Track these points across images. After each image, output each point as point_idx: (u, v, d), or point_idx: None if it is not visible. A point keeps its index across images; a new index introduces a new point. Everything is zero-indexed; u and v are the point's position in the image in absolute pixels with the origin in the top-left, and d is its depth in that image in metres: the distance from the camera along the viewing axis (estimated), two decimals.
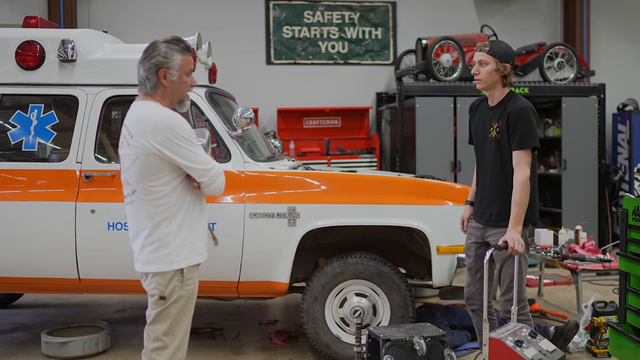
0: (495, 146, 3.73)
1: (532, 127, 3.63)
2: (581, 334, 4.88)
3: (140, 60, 2.93)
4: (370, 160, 8.91)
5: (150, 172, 2.87)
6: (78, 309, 6.33)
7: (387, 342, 3.51)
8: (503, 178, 3.72)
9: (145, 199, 2.90)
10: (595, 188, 8.63)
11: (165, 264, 2.90)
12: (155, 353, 2.93)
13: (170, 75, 2.92)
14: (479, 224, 3.91)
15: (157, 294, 2.91)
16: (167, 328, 2.93)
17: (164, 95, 2.95)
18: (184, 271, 2.94)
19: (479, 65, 3.74)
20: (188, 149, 2.87)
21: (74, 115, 4.64)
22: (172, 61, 2.91)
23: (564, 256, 5.47)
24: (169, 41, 2.94)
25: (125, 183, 2.98)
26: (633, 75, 10.10)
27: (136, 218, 2.95)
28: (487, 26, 9.33)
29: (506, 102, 3.72)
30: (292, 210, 4.45)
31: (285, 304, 6.45)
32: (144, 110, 2.90)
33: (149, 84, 2.92)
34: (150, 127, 2.83)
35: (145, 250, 2.92)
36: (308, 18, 9.55)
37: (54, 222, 4.48)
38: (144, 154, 2.84)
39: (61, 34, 4.76)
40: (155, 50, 2.91)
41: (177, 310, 2.94)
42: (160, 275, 2.90)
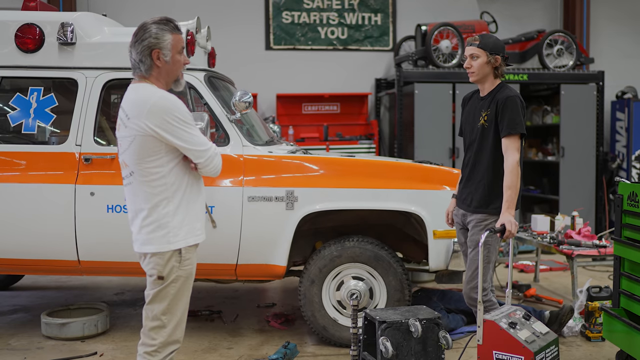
0: (481, 134, 3.81)
1: (519, 114, 3.70)
2: (576, 319, 4.93)
3: (132, 43, 2.94)
4: (369, 146, 8.93)
5: (147, 154, 2.88)
6: (78, 291, 6.38)
7: (383, 324, 3.55)
8: (486, 166, 3.80)
9: (143, 181, 2.92)
10: (593, 175, 8.65)
11: (163, 244, 2.92)
12: (154, 332, 2.97)
13: (164, 56, 2.93)
14: (460, 209, 3.98)
15: (155, 274, 2.94)
16: (165, 307, 2.96)
17: (158, 76, 2.96)
18: (182, 251, 2.96)
19: (470, 59, 3.83)
20: (184, 130, 2.89)
21: (73, 98, 4.66)
22: (163, 41, 2.92)
23: (560, 242, 5.51)
24: (158, 22, 2.95)
25: (123, 165, 3.00)
26: (632, 63, 10.10)
27: (134, 199, 2.97)
28: (487, 12, 9.30)
29: (495, 92, 3.82)
30: (290, 194, 4.48)
31: (283, 287, 6.51)
32: (140, 92, 2.92)
33: (142, 66, 2.93)
34: (146, 109, 2.84)
35: (144, 230, 2.95)
36: (307, 3, 9.53)
37: (53, 204, 4.51)
38: (141, 135, 2.86)
39: (60, 17, 4.76)
40: (146, 32, 2.91)
41: (175, 290, 2.97)
42: (158, 255, 2.93)
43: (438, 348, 3.58)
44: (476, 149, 3.85)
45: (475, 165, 3.85)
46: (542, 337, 3.37)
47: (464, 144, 4.03)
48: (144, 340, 2.99)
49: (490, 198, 3.76)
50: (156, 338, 2.97)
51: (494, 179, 3.75)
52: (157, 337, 2.97)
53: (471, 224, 3.85)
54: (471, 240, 3.84)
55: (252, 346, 4.74)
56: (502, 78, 3.89)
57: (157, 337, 2.97)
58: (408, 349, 3.53)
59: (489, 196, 3.76)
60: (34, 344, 4.79)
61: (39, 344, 4.79)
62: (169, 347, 2.99)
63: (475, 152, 3.85)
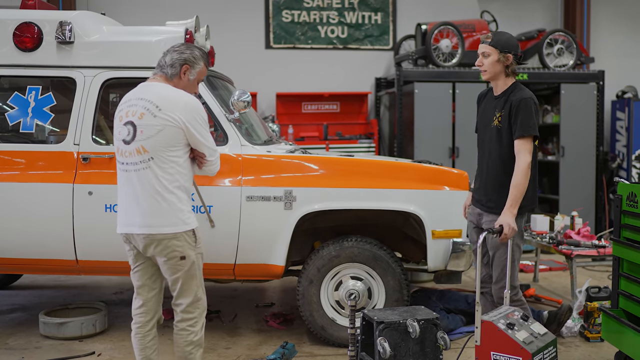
0: (496, 135, 3.81)
1: (532, 116, 3.70)
2: (575, 319, 4.92)
3: (170, 50, 3.38)
4: (369, 145, 8.92)
5: (171, 143, 3.22)
6: (76, 291, 6.37)
7: (381, 325, 3.54)
8: (501, 166, 3.80)
9: (163, 167, 3.22)
10: (592, 175, 8.65)
11: (181, 225, 3.25)
12: (192, 307, 3.36)
13: (190, 74, 3.37)
14: (475, 208, 3.99)
15: (177, 255, 3.25)
16: (197, 282, 3.37)
17: (177, 84, 3.36)
18: (195, 231, 3.32)
19: (482, 57, 3.83)
20: (206, 130, 3.31)
21: (71, 97, 4.64)
22: (196, 64, 3.38)
23: (559, 242, 5.50)
24: (198, 48, 3.43)
25: (141, 150, 3.22)
26: (632, 62, 10.08)
27: (146, 184, 3.22)
28: (487, 12, 9.29)
29: (509, 92, 3.81)
30: (288, 194, 4.47)
31: (281, 287, 6.50)
32: (170, 89, 3.31)
33: (170, 69, 3.33)
34: (180, 105, 3.22)
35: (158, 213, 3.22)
36: (307, 2, 9.52)
37: (51, 203, 4.50)
38: (172, 126, 3.20)
39: (59, 15, 4.75)
40: (188, 49, 3.39)
41: (198, 265, 3.36)
42: (177, 237, 3.24)
43: (436, 349, 3.57)
44: (490, 149, 3.86)
45: (489, 166, 3.87)
46: (540, 338, 3.36)
47: (478, 141, 4.04)
48: (182, 317, 3.35)
49: (504, 199, 3.72)
50: (194, 311, 3.36)
51: (507, 180, 3.72)
52: (194, 310, 3.36)
53: (486, 225, 3.84)
54: (491, 243, 3.82)
55: (251, 346, 4.74)
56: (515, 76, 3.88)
57: (195, 309, 3.36)
58: (406, 350, 3.52)
59: (503, 197, 3.73)
60: (32, 343, 4.79)
61: (37, 343, 4.79)
62: (203, 315, 3.42)
63: (489, 152, 3.86)
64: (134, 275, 3.44)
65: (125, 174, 3.29)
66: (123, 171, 3.31)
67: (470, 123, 4.59)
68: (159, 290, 3.49)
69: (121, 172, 3.33)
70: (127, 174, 3.27)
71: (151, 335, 3.46)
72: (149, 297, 3.44)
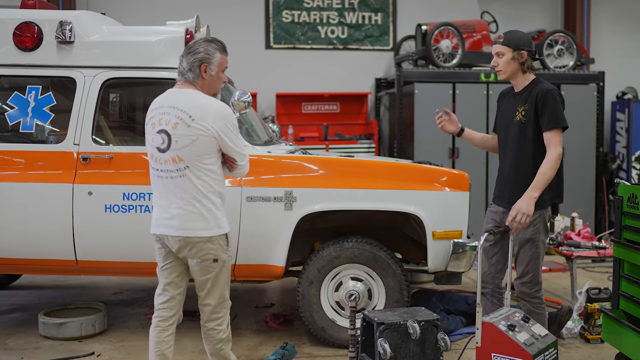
0: (519, 129, 3.87)
1: (559, 107, 3.78)
2: (575, 320, 4.91)
3: (184, 54, 3.39)
4: (369, 146, 8.91)
5: (205, 152, 3.31)
6: (75, 291, 6.36)
7: (382, 326, 3.53)
8: (524, 161, 3.87)
9: (198, 175, 3.32)
10: (593, 176, 8.64)
11: (216, 229, 3.36)
12: (220, 307, 3.47)
13: (210, 70, 3.38)
14: (499, 207, 4.03)
15: (210, 258, 3.37)
16: (225, 284, 3.47)
17: (202, 86, 3.40)
18: (227, 235, 3.44)
19: (496, 57, 3.91)
20: (237, 136, 3.39)
21: (71, 97, 4.64)
22: (213, 58, 3.38)
23: (560, 243, 5.50)
24: (210, 40, 3.42)
25: (176, 159, 3.31)
26: (632, 63, 10.08)
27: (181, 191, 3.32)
28: (487, 12, 9.29)
29: (531, 87, 3.88)
30: (288, 194, 4.46)
31: (281, 287, 6.49)
32: (200, 97, 3.35)
33: (191, 74, 3.36)
34: (212, 114, 3.29)
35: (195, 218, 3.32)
36: (308, 2, 9.51)
37: (51, 203, 4.50)
38: (205, 136, 3.27)
39: (59, 15, 4.74)
40: (200, 46, 3.37)
41: (227, 268, 3.47)
42: (212, 240, 3.35)
43: (436, 350, 3.56)
44: (514, 146, 3.90)
45: (514, 162, 3.90)
46: (541, 340, 3.36)
47: (499, 139, 4.08)
48: (211, 317, 3.46)
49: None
50: (220, 311, 3.47)
51: (533, 175, 3.78)
52: (221, 310, 3.48)
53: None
54: (518, 239, 3.88)
55: (250, 347, 4.73)
56: (534, 71, 3.95)
57: (221, 309, 3.48)
58: (406, 351, 3.51)
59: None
60: (31, 343, 4.78)
61: (36, 343, 4.78)
62: (228, 312, 3.54)
63: (514, 149, 3.90)
64: (162, 272, 3.51)
65: (160, 179, 3.38)
66: (158, 177, 3.39)
67: (470, 124, 4.58)
68: (184, 289, 3.58)
69: (155, 177, 3.41)
70: (162, 180, 3.37)
71: (170, 331, 3.51)
72: (174, 295, 3.50)
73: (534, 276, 3.90)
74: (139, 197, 4.49)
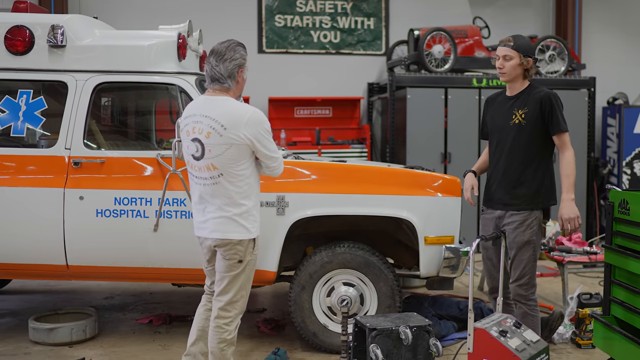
0: (517, 132, 3.93)
1: (562, 111, 3.91)
2: (566, 325, 4.92)
3: (220, 59, 3.46)
4: (361, 150, 8.92)
5: (239, 159, 3.42)
6: (66, 296, 6.33)
7: (374, 331, 3.54)
8: (525, 163, 3.93)
9: (232, 181, 3.44)
10: (584, 181, 8.68)
11: (245, 233, 3.50)
12: (230, 306, 3.56)
13: (244, 75, 3.55)
14: (494, 210, 4.05)
15: (236, 259, 3.51)
16: (240, 285, 3.56)
17: (236, 90, 3.53)
18: (255, 240, 3.56)
19: (503, 60, 3.93)
20: (270, 141, 3.48)
21: (63, 101, 4.63)
22: (246, 62, 3.55)
23: (551, 248, 5.51)
24: (240, 44, 3.55)
25: (210, 167, 3.44)
26: (623, 69, 10.13)
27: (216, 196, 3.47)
28: (480, 18, 9.32)
29: (529, 91, 3.96)
30: (281, 199, 4.45)
31: (273, 292, 6.48)
32: (233, 105, 3.45)
33: (231, 80, 3.47)
34: (244, 121, 3.37)
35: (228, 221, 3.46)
36: (300, 7, 9.52)
37: (42, 208, 4.48)
38: (238, 144, 3.38)
39: (51, 19, 4.73)
40: (237, 52, 3.49)
41: (249, 271, 3.59)
42: (241, 243, 3.49)
43: (428, 355, 3.56)
44: (510, 148, 3.94)
45: (511, 164, 3.95)
46: (532, 346, 3.37)
47: (491, 143, 4.11)
48: (220, 314, 3.56)
49: (531, 195, 3.91)
50: (231, 311, 3.56)
51: (533, 176, 3.90)
52: (232, 309, 3.57)
53: (512, 225, 3.93)
54: (515, 242, 3.92)
55: (242, 352, 4.71)
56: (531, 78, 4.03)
57: (232, 309, 3.57)
58: (398, 357, 3.52)
59: (530, 193, 3.91)
60: (21, 349, 4.74)
61: (26, 349, 4.74)
62: (239, 317, 3.63)
63: (509, 151, 3.95)
64: (206, 272, 3.78)
65: (197, 185, 3.54)
66: (195, 183, 3.56)
67: (462, 128, 4.61)
68: None
69: (193, 182, 3.58)
70: (199, 186, 3.53)
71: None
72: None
73: (530, 278, 3.96)
74: (131, 202, 4.47)
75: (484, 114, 4.25)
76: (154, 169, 4.54)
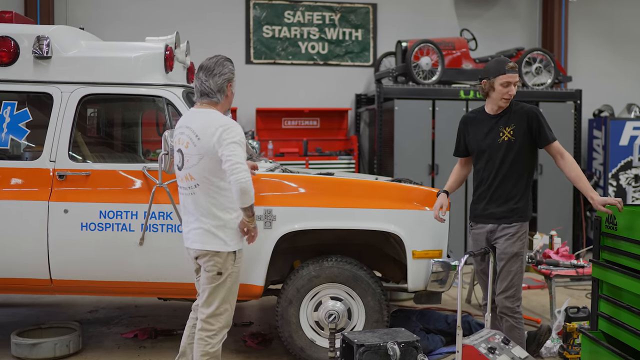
0: (507, 149, 4.03)
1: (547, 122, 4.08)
2: (554, 339, 4.92)
3: (209, 74, 3.55)
4: (349, 161, 8.90)
5: (214, 170, 3.47)
6: (50, 309, 6.24)
7: (361, 348, 3.51)
8: (517, 178, 4.04)
9: (208, 192, 3.50)
10: (570, 193, 8.71)
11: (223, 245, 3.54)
12: (213, 319, 3.58)
13: (232, 88, 3.65)
14: (484, 225, 4.12)
15: (215, 270, 3.54)
16: (222, 298, 3.58)
17: (224, 104, 3.63)
18: (236, 253, 3.60)
19: (514, 87, 4.03)
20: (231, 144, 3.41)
21: (48, 113, 4.57)
22: (234, 77, 3.65)
23: (539, 261, 5.51)
24: (228, 59, 3.64)
25: (188, 177, 3.55)
26: (609, 81, 10.21)
27: (196, 207, 3.55)
28: (467, 30, 9.36)
29: (511, 109, 4.08)
30: (268, 213, 4.42)
31: (260, 305, 6.43)
32: (212, 116, 3.52)
33: (220, 95, 3.58)
34: (212, 130, 3.44)
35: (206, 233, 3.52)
36: (288, 18, 9.52)
37: (26, 221, 4.42)
38: (210, 154, 3.44)
39: (37, 30, 4.68)
40: (225, 67, 3.59)
41: (231, 283, 3.60)
42: (219, 254, 3.53)
43: None
44: (500, 164, 4.04)
45: (503, 180, 4.05)
46: None
47: (478, 161, 4.18)
48: (203, 327, 3.59)
49: (522, 208, 4.04)
50: (214, 324, 3.58)
51: (525, 189, 4.05)
52: (215, 322, 3.58)
53: (504, 238, 4.02)
54: (505, 252, 4.00)
55: None
56: None
57: (216, 322, 3.58)
58: None
59: (521, 207, 4.04)
60: None
61: None
62: (223, 331, 3.63)
63: (499, 167, 4.05)
64: (197, 283, 3.82)
65: (181, 195, 3.66)
66: (180, 193, 3.67)
67: (450, 140, 4.61)
68: None
69: (179, 193, 3.68)
70: (182, 196, 3.64)
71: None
72: None
73: (517, 290, 4.03)
74: (116, 215, 4.43)
75: (460, 132, 4.31)
76: (140, 182, 4.50)
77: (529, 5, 10.18)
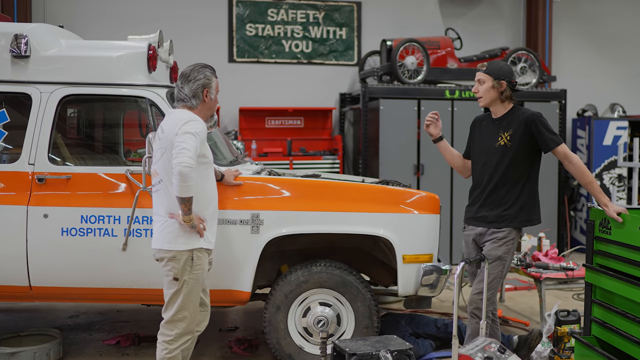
0: (502, 153, 4.02)
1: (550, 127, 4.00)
2: (544, 343, 4.86)
3: (184, 81, 3.64)
4: (333, 162, 8.81)
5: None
6: (29, 315, 6.07)
7: (354, 356, 3.42)
8: (511, 183, 4.02)
9: (168, 188, 3.50)
10: (555, 193, 8.71)
11: (179, 245, 3.51)
12: (172, 324, 3.58)
13: (210, 94, 3.69)
14: (475, 227, 4.15)
15: (171, 276, 3.54)
16: (180, 305, 3.56)
17: (202, 109, 3.68)
18: (193, 256, 3.55)
19: (478, 84, 4.09)
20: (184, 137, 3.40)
21: (27, 114, 4.42)
22: (212, 82, 3.70)
23: (528, 264, 5.46)
24: (206, 66, 3.72)
25: (154, 173, 3.63)
26: (592, 81, 10.24)
27: (159, 204, 3.59)
28: (452, 29, 9.32)
29: (513, 113, 4.06)
30: (255, 217, 4.31)
31: (245, 310, 6.31)
32: (180, 114, 3.58)
33: (195, 100, 3.64)
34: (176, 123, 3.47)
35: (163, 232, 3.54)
36: (272, 16, 9.40)
37: (3, 226, 4.27)
38: (170, 148, 3.44)
39: (14, 28, 4.52)
40: (200, 73, 3.66)
41: (188, 290, 3.56)
42: (175, 260, 3.51)
43: None
44: (495, 169, 4.03)
45: (496, 184, 4.04)
46: None
47: (476, 164, 4.19)
48: (162, 331, 3.60)
49: (513, 214, 4.01)
50: (173, 330, 3.58)
51: (517, 196, 4.01)
52: (174, 328, 3.58)
53: (491, 241, 4.03)
54: (489, 255, 4.01)
55: None
56: (513, 101, 4.11)
57: (174, 329, 3.58)
58: None
59: (512, 213, 4.01)
60: None
61: None
62: (183, 337, 3.61)
63: (493, 172, 4.04)
64: None
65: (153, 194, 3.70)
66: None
67: None
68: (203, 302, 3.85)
69: None
70: (153, 194, 3.69)
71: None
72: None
73: (493, 295, 4.07)
74: (98, 220, 4.29)
75: (469, 134, 4.35)
76: (123, 185, 4.36)
77: (513, 5, 10.16)
